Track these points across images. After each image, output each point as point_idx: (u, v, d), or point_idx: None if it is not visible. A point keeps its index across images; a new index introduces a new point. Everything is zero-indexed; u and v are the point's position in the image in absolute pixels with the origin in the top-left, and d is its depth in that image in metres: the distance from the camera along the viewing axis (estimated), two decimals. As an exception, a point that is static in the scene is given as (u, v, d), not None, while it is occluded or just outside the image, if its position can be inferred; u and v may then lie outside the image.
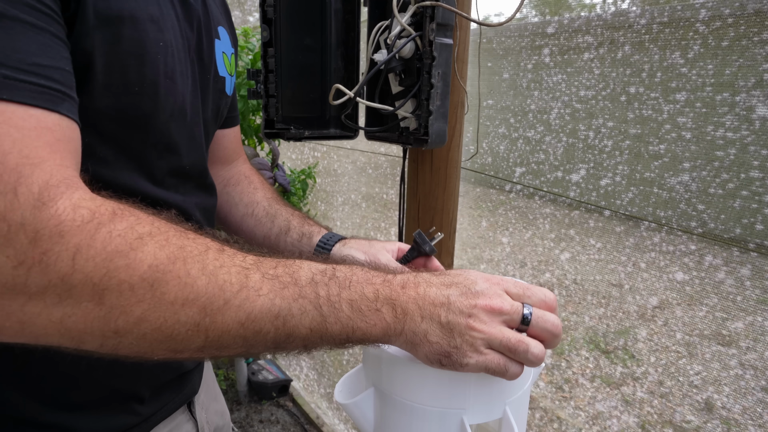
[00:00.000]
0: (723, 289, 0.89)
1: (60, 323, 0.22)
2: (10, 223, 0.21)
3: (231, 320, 0.25)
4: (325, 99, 0.76)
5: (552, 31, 1.06)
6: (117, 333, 0.23)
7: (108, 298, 0.22)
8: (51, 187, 0.22)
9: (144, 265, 0.23)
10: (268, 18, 0.69)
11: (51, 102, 0.24)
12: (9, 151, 0.22)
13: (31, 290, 0.21)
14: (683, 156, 0.85)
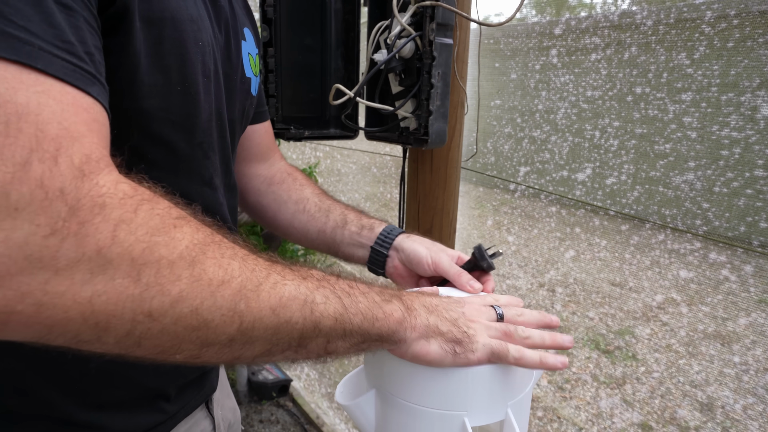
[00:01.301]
0: (726, 286, 0.88)
1: (87, 303, 0.20)
2: (47, 190, 0.19)
3: (264, 304, 0.25)
4: (325, 99, 0.76)
5: (559, 32, 1.05)
6: (150, 315, 0.21)
7: (146, 274, 0.21)
8: (92, 162, 0.21)
9: (183, 243, 0.23)
10: (268, 18, 0.69)
11: (84, 83, 0.23)
12: (49, 120, 0.20)
13: (59, 264, 0.19)
14: (688, 155, 0.85)
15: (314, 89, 0.76)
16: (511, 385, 0.46)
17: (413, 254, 0.50)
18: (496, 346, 0.35)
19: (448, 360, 0.34)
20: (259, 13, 0.69)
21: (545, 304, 1.80)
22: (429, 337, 0.33)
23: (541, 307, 1.79)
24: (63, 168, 0.20)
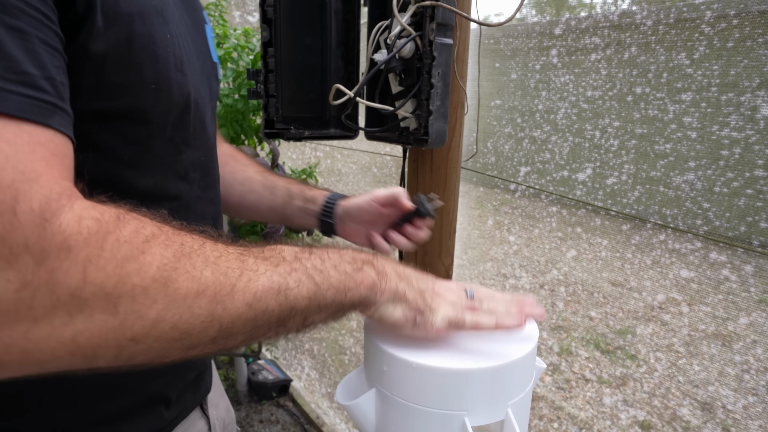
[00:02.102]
0: (727, 286, 0.88)
1: (71, 342, 0.21)
2: (11, 245, 0.20)
3: (240, 303, 0.25)
4: (325, 99, 0.76)
5: (560, 32, 1.05)
6: (133, 339, 0.23)
7: (123, 305, 0.22)
8: (52, 202, 0.21)
9: (153, 266, 0.23)
10: (268, 18, 0.69)
11: (42, 115, 0.23)
12: (3, 167, 0.20)
13: (36, 313, 0.20)
14: (688, 155, 0.85)
15: (314, 89, 0.76)
16: (511, 385, 0.46)
17: (356, 210, 0.56)
18: (453, 315, 0.37)
19: (408, 327, 0.36)
20: (259, 13, 0.69)
21: (546, 303, 1.80)
22: (396, 302, 0.35)
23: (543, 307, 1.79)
24: (23, 218, 0.20)
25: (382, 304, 0.34)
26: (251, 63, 1.38)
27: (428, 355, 0.45)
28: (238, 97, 1.35)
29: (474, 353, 0.46)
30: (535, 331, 0.51)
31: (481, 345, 0.48)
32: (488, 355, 0.46)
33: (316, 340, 1.88)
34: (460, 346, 0.48)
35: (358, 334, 1.72)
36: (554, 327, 1.73)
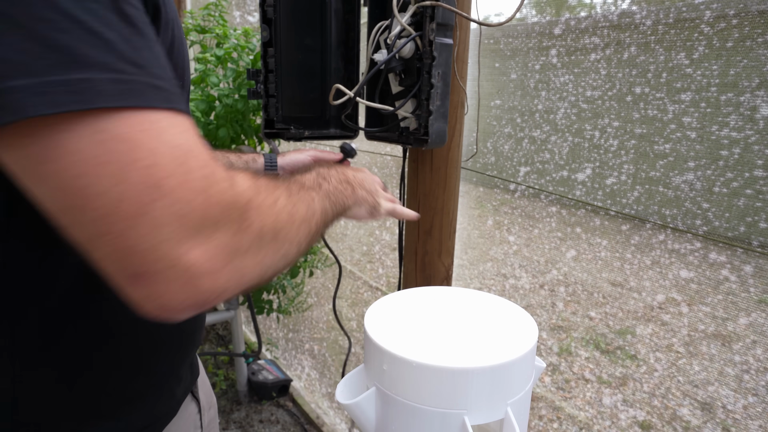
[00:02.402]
0: (726, 287, 0.88)
1: (259, 264, 0.30)
2: (224, 205, 0.27)
3: (314, 223, 0.38)
4: (325, 99, 0.76)
5: (559, 32, 1.05)
6: (284, 256, 0.33)
7: (280, 236, 0.32)
8: (225, 173, 0.29)
9: (285, 209, 0.34)
10: (268, 18, 0.69)
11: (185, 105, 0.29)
12: (199, 151, 0.27)
13: (243, 247, 0.29)
14: (688, 155, 0.85)
15: (314, 89, 0.76)
16: (511, 384, 0.46)
17: (294, 162, 0.70)
18: (390, 207, 0.55)
19: (366, 218, 0.52)
20: (259, 13, 0.69)
21: (546, 303, 1.80)
22: (360, 203, 0.50)
23: (542, 307, 1.79)
24: (222, 185, 0.28)
25: (351, 206, 0.48)
26: (251, 63, 1.38)
27: (428, 354, 0.45)
28: (238, 97, 1.35)
29: (473, 352, 0.46)
30: (535, 330, 0.51)
31: (480, 344, 0.48)
32: (488, 354, 0.46)
33: (316, 340, 1.88)
34: (460, 345, 0.48)
35: (358, 334, 1.72)
36: (554, 327, 1.73)
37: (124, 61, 0.24)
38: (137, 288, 0.25)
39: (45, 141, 0.22)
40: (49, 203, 0.24)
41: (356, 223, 1.88)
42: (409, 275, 0.83)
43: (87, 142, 0.22)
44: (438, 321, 0.53)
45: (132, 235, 0.23)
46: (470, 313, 0.55)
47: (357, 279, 1.87)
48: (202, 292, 0.26)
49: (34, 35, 0.21)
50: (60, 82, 0.21)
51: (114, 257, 0.24)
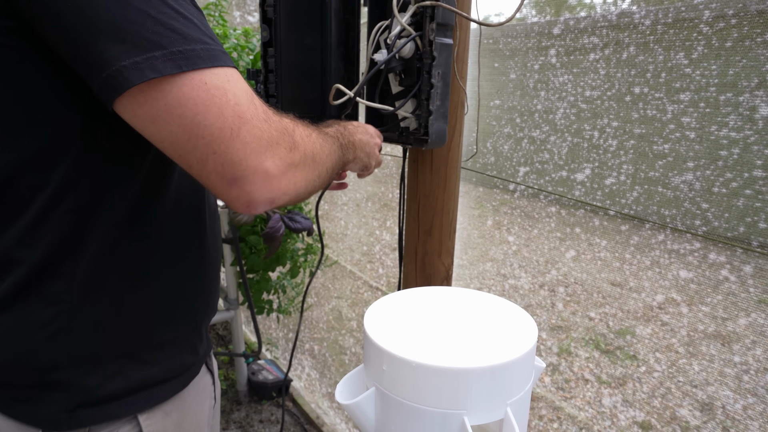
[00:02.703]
0: (725, 287, 0.88)
1: (305, 178, 0.41)
2: (280, 130, 0.38)
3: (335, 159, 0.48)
4: (325, 99, 0.76)
5: (558, 32, 1.05)
6: (319, 176, 0.44)
7: (316, 160, 0.43)
8: (275, 110, 0.40)
9: (317, 141, 0.44)
10: (268, 18, 0.69)
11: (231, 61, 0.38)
12: (253, 93, 0.37)
13: (296, 160, 0.39)
14: (687, 155, 0.85)
15: (314, 89, 0.76)
16: (511, 384, 0.46)
17: None
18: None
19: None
20: (259, 13, 0.69)
21: (546, 303, 1.80)
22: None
23: (542, 307, 1.79)
24: (275, 117, 0.39)
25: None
26: (251, 63, 1.38)
27: (427, 354, 0.45)
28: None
29: (473, 352, 0.46)
30: (534, 330, 0.51)
31: (480, 344, 0.48)
32: (487, 354, 0.46)
33: (317, 340, 1.88)
34: (459, 345, 0.48)
35: (358, 334, 1.72)
36: (553, 327, 1.73)
37: (207, 36, 0.35)
38: (234, 189, 0.36)
39: (173, 92, 0.33)
40: (172, 138, 0.35)
41: (356, 223, 1.88)
42: (409, 275, 0.83)
43: (198, 91, 0.34)
44: (438, 321, 0.53)
45: (230, 152, 0.35)
46: (470, 313, 0.55)
47: (357, 279, 1.87)
48: (273, 190, 0.37)
49: (159, 21, 0.33)
50: (179, 53, 0.33)
51: (219, 169, 0.35)
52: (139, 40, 0.32)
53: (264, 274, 1.47)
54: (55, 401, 0.42)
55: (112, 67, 0.32)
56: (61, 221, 0.40)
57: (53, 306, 0.41)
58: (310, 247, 1.50)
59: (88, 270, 0.41)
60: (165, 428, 0.47)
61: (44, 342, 0.41)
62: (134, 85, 0.32)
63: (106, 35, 0.31)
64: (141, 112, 0.34)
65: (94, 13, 0.31)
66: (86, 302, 0.42)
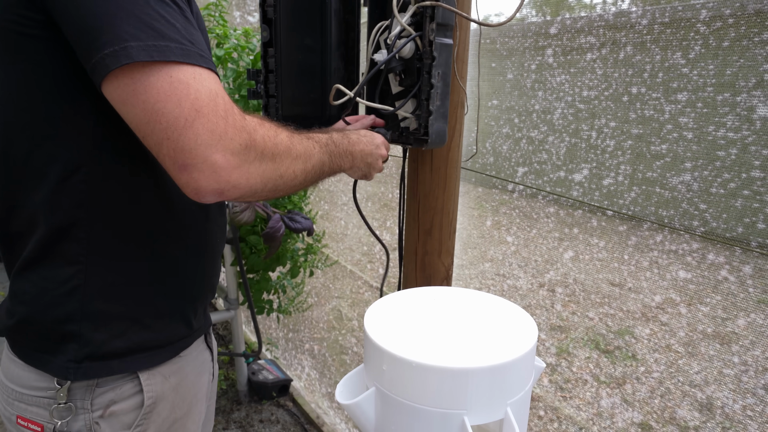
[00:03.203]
0: (725, 287, 0.88)
1: (261, 175, 0.43)
2: (239, 129, 0.40)
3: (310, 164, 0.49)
4: (326, 99, 0.76)
5: (555, 31, 1.06)
6: (281, 177, 0.45)
7: (277, 158, 0.44)
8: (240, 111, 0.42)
9: (285, 141, 0.46)
10: (268, 18, 0.69)
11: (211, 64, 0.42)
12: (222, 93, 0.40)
13: (249, 158, 0.41)
14: (685, 156, 0.85)
15: (314, 89, 0.76)
16: (511, 384, 0.46)
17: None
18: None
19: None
20: (260, 13, 0.69)
21: (545, 304, 1.80)
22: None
23: (541, 307, 1.79)
24: (237, 116, 0.41)
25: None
26: (251, 63, 1.38)
27: (427, 354, 0.45)
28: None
29: (473, 352, 0.46)
30: (534, 330, 0.52)
31: (480, 344, 0.48)
32: (487, 354, 0.46)
33: (317, 340, 1.88)
34: (459, 345, 0.48)
35: (358, 334, 1.72)
36: (553, 327, 1.73)
37: (185, 39, 0.40)
38: (183, 175, 0.39)
39: (141, 80, 0.37)
40: (136, 120, 0.39)
41: (356, 224, 1.88)
42: (409, 275, 0.83)
43: (163, 82, 0.38)
44: (438, 321, 0.53)
45: (182, 140, 0.38)
46: (470, 313, 0.55)
47: (357, 279, 1.87)
48: (221, 181, 0.40)
49: (141, 20, 0.38)
50: (153, 46, 0.38)
51: (171, 154, 0.38)
52: (121, 33, 0.37)
53: (264, 274, 1.47)
54: (67, 351, 0.48)
55: (99, 53, 0.37)
56: (75, 190, 0.45)
57: (72, 266, 0.47)
58: (310, 247, 1.50)
59: (100, 236, 0.47)
60: (163, 390, 0.52)
61: (63, 296, 0.47)
62: (111, 70, 0.37)
63: (97, 28, 0.37)
64: (116, 94, 0.39)
65: (89, 10, 0.37)
66: (99, 265, 0.47)
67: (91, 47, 0.38)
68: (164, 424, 0.53)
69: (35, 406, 0.49)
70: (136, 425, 0.51)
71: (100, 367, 0.48)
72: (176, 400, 0.54)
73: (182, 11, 0.41)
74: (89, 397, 0.49)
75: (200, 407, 0.59)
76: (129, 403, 0.50)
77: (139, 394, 0.51)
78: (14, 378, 0.50)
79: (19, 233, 0.48)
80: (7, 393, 0.51)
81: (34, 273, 0.48)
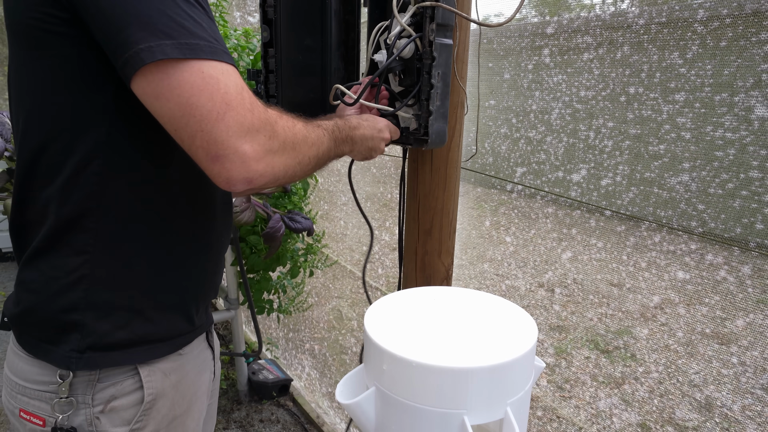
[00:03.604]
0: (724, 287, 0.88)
1: (283, 163, 0.46)
2: (263, 120, 0.43)
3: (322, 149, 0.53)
4: (326, 99, 0.76)
5: (551, 31, 1.06)
6: (300, 163, 0.49)
7: (297, 147, 0.48)
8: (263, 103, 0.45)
9: (302, 131, 0.49)
10: (269, 18, 0.69)
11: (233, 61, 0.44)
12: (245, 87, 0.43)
13: (275, 147, 0.44)
14: (683, 156, 0.85)
15: (314, 89, 0.76)
16: (511, 384, 0.46)
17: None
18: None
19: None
20: (259, 13, 0.69)
21: (544, 304, 1.80)
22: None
23: (540, 308, 1.80)
24: (261, 108, 0.44)
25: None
26: (251, 63, 1.38)
27: (428, 354, 0.45)
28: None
29: (473, 352, 0.47)
30: (534, 330, 0.52)
31: (480, 344, 0.48)
32: (487, 354, 0.46)
33: (317, 340, 1.88)
34: (459, 344, 0.48)
35: (358, 334, 1.72)
36: (552, 327, 1.74)
37: (212, 37, 0.42)
38: (215, 166, 0.41)
39: (175, 75, 0.40)
40: (169, 114, 0.41)
41: (356, 223, 1.88)
42: (409, 275, 0.83)
43: (195, 77, 0.40)
44: (438, 321, 0.53)
45: (215, 131, 0.41)
46: (470, 313, 0.56)
47: (357, 279, 1.87)
48: (250, 171, 0.42)
49: (173, 19, 0.41)
50: (185, 44, 0.40)
51: (204, 146, 0.41)
52: (155, 31, 0.40)
53: (264, 274, 1.47)
54: (70, 341, 0.49)
55: (132, 49, 0.40)
56: (88, 182, 0.47)
57: (79, 256, 0.48)
58: (310, 247, 1.50)
59: (108, 228, 0.48)
60: (164, 387, 0.53)
61: (69, 286, 0.48)
62: (146, 64, 0.39)
63: (131, 25, 0.40)
64: (149, 89, 0.41)
65: (124, 9, 0.40)
66: (106, 256, 0.49)
67: (124, 43, 0.40)
68: (163, 421, 0.54)
69: (37, 400, 0.50)
70: (135, 421, 0.51)
71: (101, 358, 0.49)
72: (176, 398, 0.55)
73: (206, 11, 0.44)
74: (90, 392, 0.49)
75: (200, 405, 0.60)
76: (129, 399, 0.51)
77: (139, 390, 0.51)
78: (18, 372, 0.51)
79: (30, 222, 0.49)
80: (12, 386, 0.52)
81: (43, 262, 0.49)
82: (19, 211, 0.50)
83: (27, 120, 0.47)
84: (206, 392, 0.62)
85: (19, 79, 0.47)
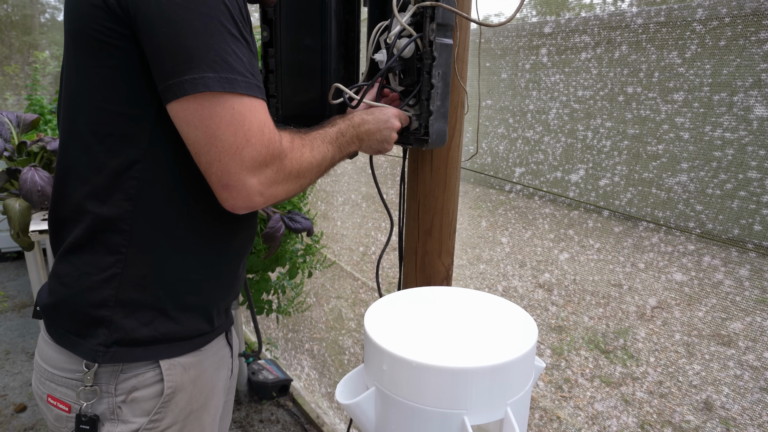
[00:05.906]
0: (722, 289, 0.89)
1: (285, 191, 0.51)
2: (275, 154, 0.48)
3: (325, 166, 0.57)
4: (325, 99, 0.76)
5: (549, 30, 1.06)
6: (302, 188, 0.54)
7: (302, 176, 0.53)
8: (278, 134, 0.50)
9: (306, 162, 0.53)
10: (268, 18, 0.69)
11: (264, 95, 0.49)
12: (267, 122, 0.48)
13: (279, 179, 0.49)
14: (681, 156, 0.85)
15: (314, 89, 0.76)
16: (511, 384, 0.46)
17: None
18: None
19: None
20: (260, 13, 0.69)
21: (544, 304, 1.81)
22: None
23: (540, 308, 1.80)
24: (276, 143, 0.48)
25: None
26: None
27: (428, 354, 0.45)
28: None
29: (473, 352, 0.46)
30: (534, 330, 0.52)
31: (480, 344, 0.48)
32: (487, 354, 0.46)
33: (316, 340, 1.88)
34: (459, 345, 0.48)
35: (357, 334, 1.72)
36: (551, 328, 1.74)
37: (249, 72, 0.47)
38: (224, 192, 0.47)
39: (209, 108, 0.45)
40: (195, 140, 0.46)
41: (355, 224, 1.88)
42: (409, 275, 0.83)
43: (225, 112, 0.45)
44: (438, 321, 0.53)
45: (230, 164, 0.46)
46: (470, 313, 0.56)
47: (356, 279, 1.86)
48: (251, 201, 0.48)
49: (219, 54, 0.45)
50: (225, 78, 0.45)
51: (218, 174, 0.46)
52: (200, 64, 0.44)
53: (264, 274, 1.47)
54: (97, 335, 0.51)
55: (178, 78, 0.44)
56: (127, 185, 0.50)
57: (113, 255, 0.51)
58: (309, 247, 1.50)
59: (142, 231, 0.51)
60: (183, 381, 0.55)
61: (101, 282, 0.51)
62: (188, 95, 0.44)
63: (180, 56, 0.44)
64: (183, 115, 0.46)
65: (176, 39, 0.44)
66: (138, 257, 0.52)
67: (173, 70, 0.44)
68: (181, 414, 0.56)
69: (64, 387, 0.53)
70: (155, 413, 0.54)
71: (126, 353, 0.52)
72: (194, 392, 0.57)
73: (249, 45, 0.48)
74: (114, 382, 0.52)
75: (217, 401, 0.62)
76: (150, 391, 0.53)
77: (159, 382, 0.53)
78: (47, 359, 0.54)
79: (67, 218, 0.52)
80: (41, 372, 0.55)
81: (78, 258, 0.52)
82: (57, 205, 0.53)
83: (75, 121, 0.50)
84: (223, 389, 0.63)
85: (72, 81, 0.50)
